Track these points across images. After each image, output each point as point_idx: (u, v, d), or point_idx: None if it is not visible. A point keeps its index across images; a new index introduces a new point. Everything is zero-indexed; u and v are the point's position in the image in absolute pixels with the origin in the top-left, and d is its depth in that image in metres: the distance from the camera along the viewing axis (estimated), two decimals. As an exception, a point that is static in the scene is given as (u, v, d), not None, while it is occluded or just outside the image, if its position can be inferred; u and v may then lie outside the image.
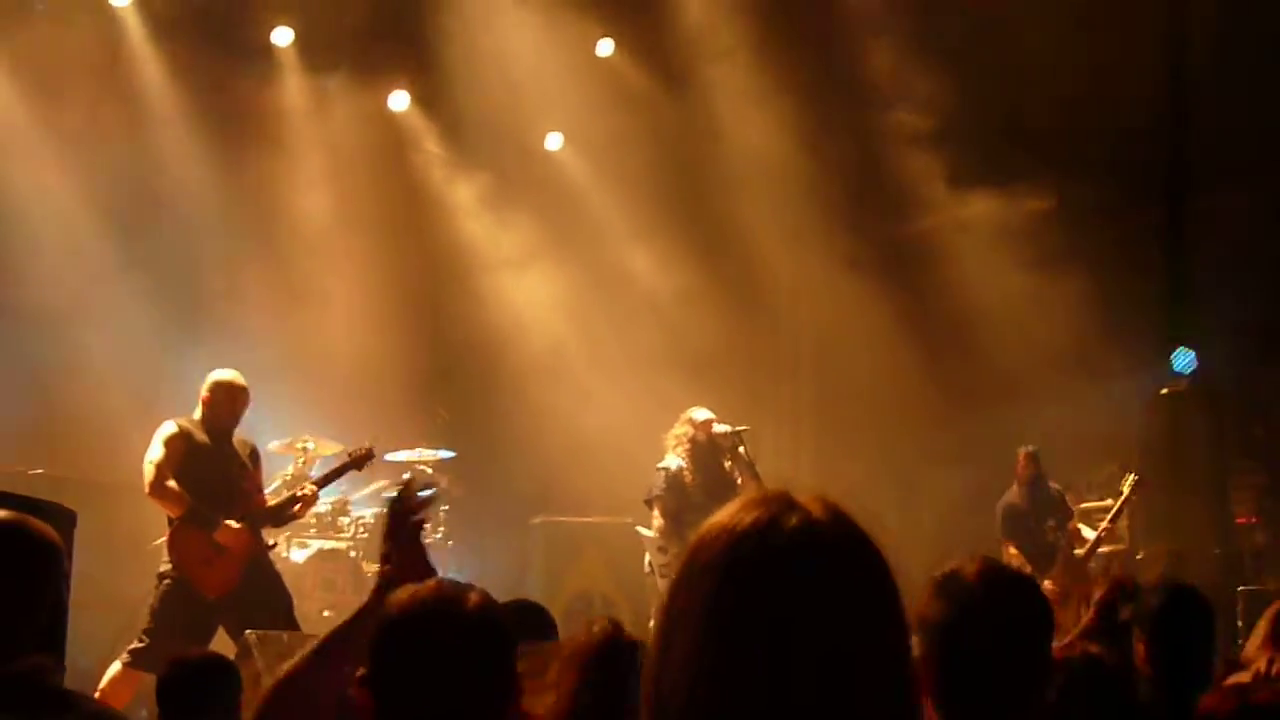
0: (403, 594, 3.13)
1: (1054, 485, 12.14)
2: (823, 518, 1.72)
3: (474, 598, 3.09)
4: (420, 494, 3.51)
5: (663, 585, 10.19)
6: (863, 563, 1.72)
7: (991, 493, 12.37)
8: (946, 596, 3.24)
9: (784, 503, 1.73)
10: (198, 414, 8.97)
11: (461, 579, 3.38)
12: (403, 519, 3.45)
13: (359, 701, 3.09)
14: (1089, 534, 11.83)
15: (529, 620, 4.51)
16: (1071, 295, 12.72)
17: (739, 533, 1.70)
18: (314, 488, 9.34)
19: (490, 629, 3.06)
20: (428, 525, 3.70)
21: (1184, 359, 12.93)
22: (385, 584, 3.30)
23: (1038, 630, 3.28)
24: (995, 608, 3.19)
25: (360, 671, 3.05)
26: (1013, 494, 12.09)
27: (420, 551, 3.45)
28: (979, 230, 13.75)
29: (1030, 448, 12.09)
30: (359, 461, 9.57)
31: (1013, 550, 11.82)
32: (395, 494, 3.52)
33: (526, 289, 14.19)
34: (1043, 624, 3.31)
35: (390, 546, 3.44)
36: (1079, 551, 11.65)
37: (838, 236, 14.14)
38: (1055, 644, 3.41)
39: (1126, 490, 11.92)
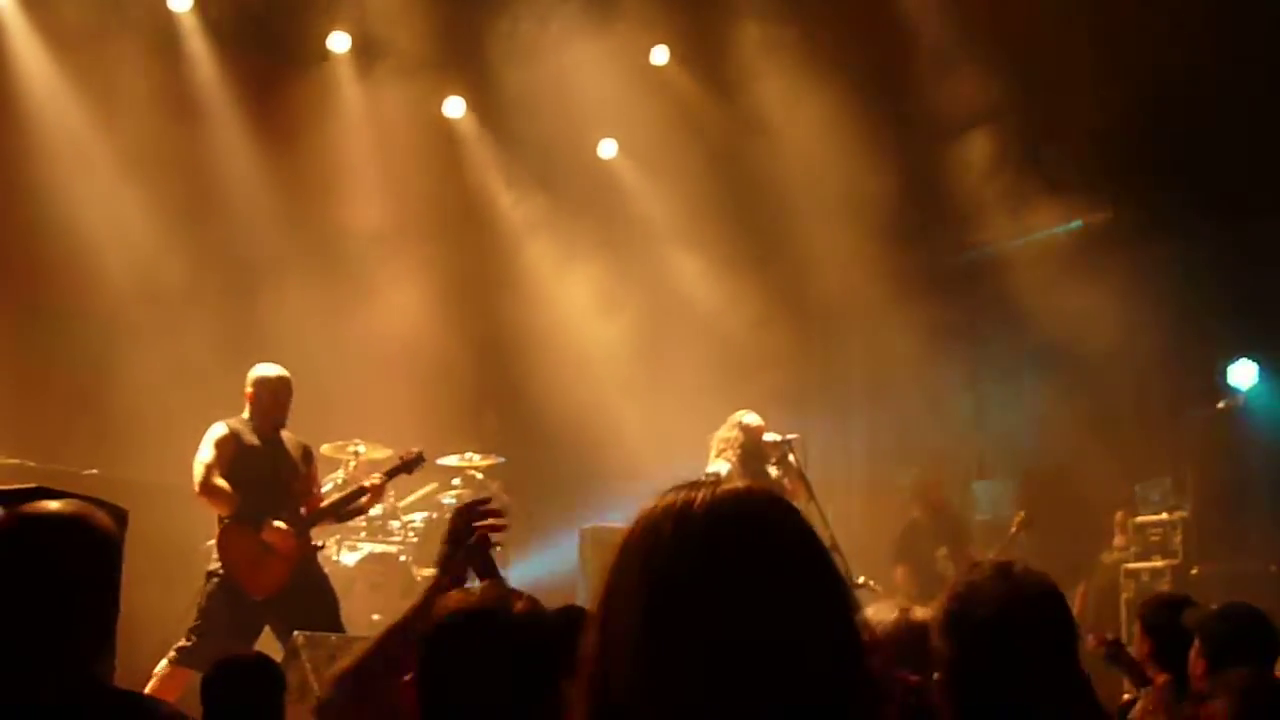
0: (450, 599, 3.16)
1: (955, 515, 12.17)
2: (732, 493, 1.76)
3: (520, 603, 3.10)
4: (488, 507, 3.57)
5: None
6: (774, 531, 1.74)
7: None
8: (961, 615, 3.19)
9: (697, 485, 1.79)
10: (246, 413, 9.02)
11: (511, 584, 3.40)
12: (467, 527, 3.48)
13: (407, 703, 3.11)
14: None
15: (576, 626, 4.49)
16: (1129, 310, 12.63)
17: (658, 511, 1.77)
18: (383, 477, 9.37)
19: (535, 634, 3.06)
20: (496, 537, 3.73)
21: (1244, 373, 12.78)
22: (439, 588, 3.32)
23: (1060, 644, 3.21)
24: (1014, 626, 3.12)
25: (409, 675, 3.07)
26: (915, 518, 12.15)
27: (487, 560, 3.49)
28: (1034, 246, 13.68)
29: (933, 475, 12.21)
30: (409, 465, 9.61)
31: (900, 572, 11.86)
32: (463, 503, 3.55)
33: (577, 295, 14.21)
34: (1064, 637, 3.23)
35: (451, 552, 3.46)
36: None
37: (892, 247, 14.07)
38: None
39: (1014, 528, 11.99)
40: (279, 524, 8.74)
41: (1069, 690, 3.17)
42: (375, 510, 11.24)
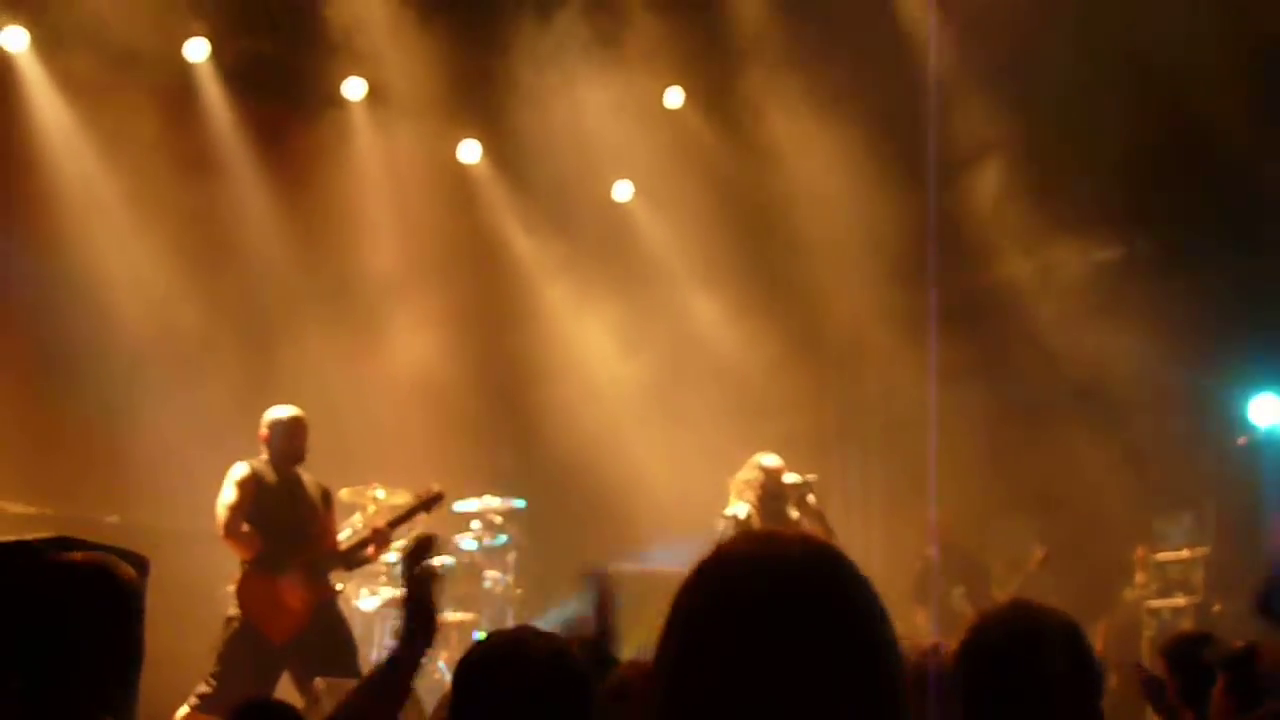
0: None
1: (972, 554, 12.12)
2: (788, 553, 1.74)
3: (549, 644, 3.11)
4: (432, 559, 3.54)
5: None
6: (833, 598, 1.71)
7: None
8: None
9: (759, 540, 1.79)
10: (264, 455, 9.04)
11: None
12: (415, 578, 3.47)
13: None
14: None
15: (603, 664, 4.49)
16: (1143, 345, 12.61)
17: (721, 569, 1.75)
18: (387, 527, 9.35)
19: (564, 674, 3.07)
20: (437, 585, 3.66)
21: (1265, 407, 12.75)
22: (408, 638, 3.33)
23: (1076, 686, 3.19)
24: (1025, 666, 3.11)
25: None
26: (927, 559, 12.07)
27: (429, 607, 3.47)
28: (1049, 281, 13.68)
29: (942, 517, 12.17)
30: (427, 504, 9.58)
31: (920, 616, 11.80)
32: (406, 554, 3.54)
33: (594, 337, 14.22)
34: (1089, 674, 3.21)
35: (411, 621, 3.46)
36: None
37: (907, 286, 14.07)
38: None
39: (1033, 565, 11.95)
40: (294, 581, 8.73)
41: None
42: (393, 555, 11.22)
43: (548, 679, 3.10)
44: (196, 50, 12.79)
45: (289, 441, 9.04)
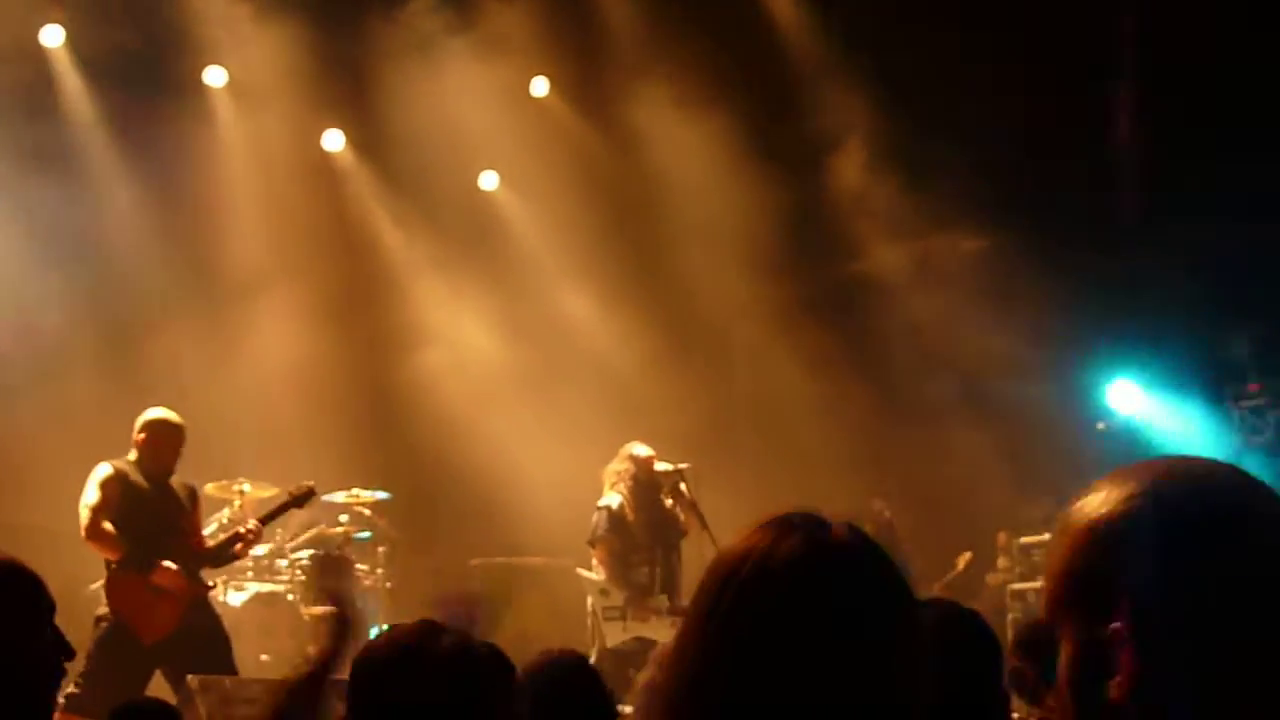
0: (381, 636, 3.16)
1: (904, 546, 12.29)
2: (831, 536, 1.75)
3: (449, 638, 3.09)
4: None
5: (606, 628, 10.11)
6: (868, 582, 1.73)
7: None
8: None
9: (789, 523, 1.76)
10: (133, 455, 8.87)
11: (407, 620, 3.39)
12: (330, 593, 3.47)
13: None
14: None
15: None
16: (1008, 333, 12.85)
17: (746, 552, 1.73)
18: (257, 524, 9.23)
19: (466, 667, 3.05)
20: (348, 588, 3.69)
21: (1124, 394, 13.06)
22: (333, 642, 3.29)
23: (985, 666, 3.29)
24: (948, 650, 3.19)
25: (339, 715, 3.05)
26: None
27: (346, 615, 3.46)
28: (915, 270, 13.89)
29: (882, 501, 12.35)
30: (299, 500, 9.47)
31: None
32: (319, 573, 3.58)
33: (463, 329, 14.15)
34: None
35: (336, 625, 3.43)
36: None
37: (777, 278, 14.20)
38: None
39: (961, 566, 12.22)
40: (169, 564, 8.60)
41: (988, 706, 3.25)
42: (260, 550, 11.09)
43: (450, 673, 3.08)
44: (52, 37, 12.52)
45: (167, 446, 8.87)
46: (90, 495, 8.63)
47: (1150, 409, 13.42)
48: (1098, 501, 1.48)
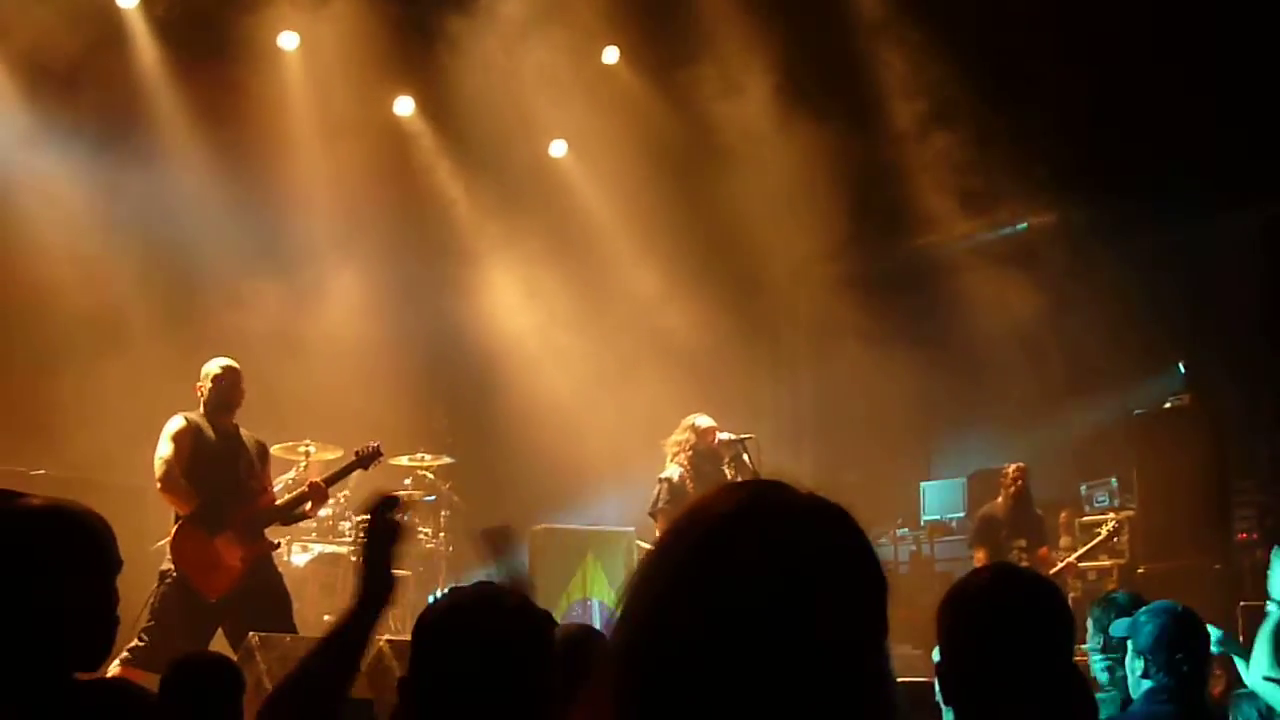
0: (443, 599, 3.20)
1: (1037, 511, 12.11)
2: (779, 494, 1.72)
3: (513, 597, 3.14)
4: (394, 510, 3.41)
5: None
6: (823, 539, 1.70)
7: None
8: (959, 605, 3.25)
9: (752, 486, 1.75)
10: (201, 409, 8.97)
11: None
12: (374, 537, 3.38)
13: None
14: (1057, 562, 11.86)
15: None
16: (1070, 312, 12.76)
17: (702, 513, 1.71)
18: (324, 484, 9.31)
19: (531, 625, 3.10)
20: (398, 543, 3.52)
21: (1179, 376, 12.93)
22: (365, 600, 3.26)
23: (1055, 636, 3.27)
24: (1011, 614, 3.19)
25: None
26: (995, 505, 12.04)
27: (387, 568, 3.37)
28: (978, 248, 13.81)
29: (1019, 464, 12.07)
30: (365, 460, 9.52)
31: (979, 556, 11.81)
32: (376, 502, 3.40)
33: (527, 295, 14.20)
34: (1060, 629, 3.29)
35: (372, 569, 3.35)
36: None
37: (839, 249, 14.15)
38: None
39: (1104, 533, 12.03)
40: (232, 536, 8.69)
41: (1058, 681, 3.23)
42: (325, 511, 11.19)
43: (515, 630, 3.12)
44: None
45: (230, 392, 8.97)
46: (164, 448, 8.74)
47: (1218, 390, 13.27)
48: None
